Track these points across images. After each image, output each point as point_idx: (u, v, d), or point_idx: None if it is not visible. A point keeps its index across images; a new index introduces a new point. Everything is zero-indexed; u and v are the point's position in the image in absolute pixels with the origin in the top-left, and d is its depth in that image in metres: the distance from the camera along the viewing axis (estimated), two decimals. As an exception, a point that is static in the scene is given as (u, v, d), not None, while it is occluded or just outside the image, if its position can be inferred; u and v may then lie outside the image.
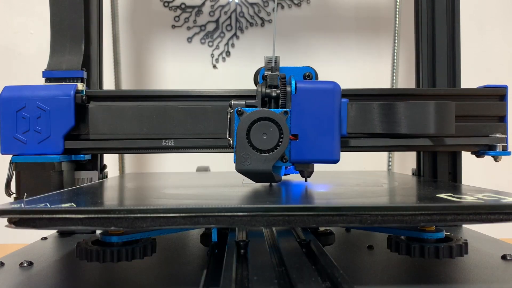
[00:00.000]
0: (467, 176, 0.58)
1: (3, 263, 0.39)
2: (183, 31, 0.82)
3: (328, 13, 0.83)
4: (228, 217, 0.28)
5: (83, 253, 0.33)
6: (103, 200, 0.37)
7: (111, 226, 0.28)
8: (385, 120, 0.40)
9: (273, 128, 0.35)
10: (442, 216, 0.29)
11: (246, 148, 0.35)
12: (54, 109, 0.46)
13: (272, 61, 0.40)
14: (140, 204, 0.36)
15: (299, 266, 0.30)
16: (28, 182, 0.46)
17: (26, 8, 0.81)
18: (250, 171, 0.36)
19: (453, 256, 0.34)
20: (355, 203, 0.32)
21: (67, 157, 0.48)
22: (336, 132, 0.37)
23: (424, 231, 0.35)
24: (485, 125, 0.50)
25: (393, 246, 0.36)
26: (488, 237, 0.49)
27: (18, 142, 0.46)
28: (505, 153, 0.49)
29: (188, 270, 0.37)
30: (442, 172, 0.57)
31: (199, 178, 0.58)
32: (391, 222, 0.29)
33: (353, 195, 0.39)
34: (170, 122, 0.48)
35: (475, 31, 0.83)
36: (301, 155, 0.37)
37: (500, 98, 0.50)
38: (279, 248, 0.36)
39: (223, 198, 0.39)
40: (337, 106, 0.37)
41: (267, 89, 0.38)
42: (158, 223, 0.28)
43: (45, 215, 0.28)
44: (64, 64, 0.51)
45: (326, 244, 0.41)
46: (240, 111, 0.36)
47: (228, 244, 0.36)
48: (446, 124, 0.41)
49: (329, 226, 0.40)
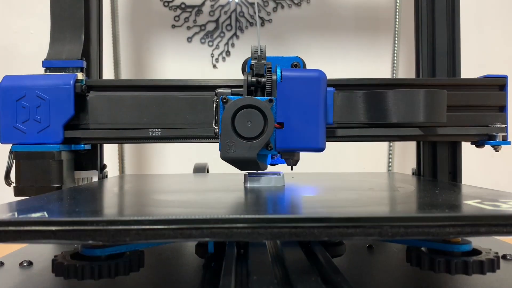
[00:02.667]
0: (467, 176, 0.58)
1: (3, 262, 0.39)
2: (183, 31, 0.81)
3: (328, 13, 0.82)
4: (226, 229, 0.24)
5: (59, 269, 0.29)
6: (87, 206, 0.33)
7: (88, 240, 0.24)
8: (372, 109, 0.39)
9: (257, 116, 0.35)
10: (474, 228, 0.25)
11: (231, 136, 0.35)
12: (54, 98, 0.46)
13: (258, 50, 0.39)
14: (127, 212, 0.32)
15: (300, 267, 0.28)
16: (27, 171, 0.46)
17: (26, 8, 0.80)
18: (235, 159, 0.35)
19: (484, 272, 0.30)
20: (373, 212, 0.28)
21: (66, 146, 0.48)
22: (322, 120, 0.37)
23: (449, 243, 0.31)
24: (485, 115, 0.50)
25: (413, 260, 0.32)
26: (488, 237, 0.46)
27: (17, 132, 0.46)
28: (505, 142, 0.49)
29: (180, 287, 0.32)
30: (443, 172, 0.56)
31: (196, 182, 0.54)
32: (415, 235, 0.25)
33: (367, 202, 0.35)
34: (170, 112, 0.48)
35: (475, 30, 0.82)
36: (287, 143, 0.36)
37: (500, 88, 0.50)
38: (279, 248, 0.34)
39: (220, 205, 0.35)
40: (322, 94, 0.37)
41: (253, 77, 0.37)
42: (143, 237, 0.24)
43: (11, 227, 0.24)
44: (64, 54, 0.51)
45: (335, 255, 0.37)
46: (225, 99, 0.36)
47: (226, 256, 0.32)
48: (436, 112, 0.39)
49: (343, 239, 0.36)
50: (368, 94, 0.40)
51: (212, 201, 0.37)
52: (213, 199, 0.38)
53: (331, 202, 0.35)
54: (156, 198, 0.38)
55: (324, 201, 0.36)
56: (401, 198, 0.37)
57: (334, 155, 0.82)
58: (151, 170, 0.82)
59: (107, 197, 0.41)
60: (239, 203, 0.35)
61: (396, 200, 0.36)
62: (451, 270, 0.30)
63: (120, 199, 0.40)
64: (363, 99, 0.40)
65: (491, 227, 0.25)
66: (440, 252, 0.31)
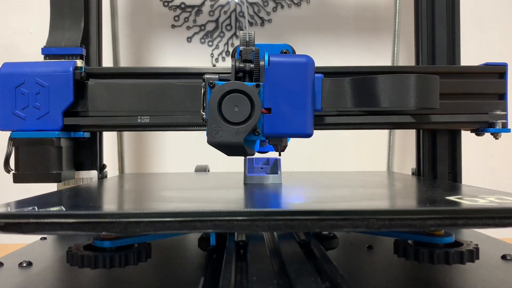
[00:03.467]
0: (467, 176, 0.58)
1: (2, 263, 0.39)
2: (182, 31, 0.82)
3: (328, 13, 0.82)
4: (227, 221, 0.27)
5: (74, 259, 0.31)
6: (96, 202, 0.35)
7: (102, 231, 0.27)
8: (361, 95, 0.39)
9: (244, 101, 0.35)
10: (453, 220, 0.27)
11: (218, 121, 0.35)
12: (53, 85, 0.46)
13: (247, 36, 0.39)
14: (135, 207, 0.34)
15: (299, 266, 0.29)
16: (27, 157, 0.46)
17: (25, 8, 0.80)
18: (222, 143, 0.35)
19: (464, 262, 0.32)
20: (361, 206, 0.30)
21: (66, 134, 0.48)
22: (309, 106, 0.36)
23: (433, 235, 0.34)
24: (485, 103, 0.50)
25: (400, 251, 0.34)
26: (488, 237, 0.48)
27: (17, 118, 0.46)
28: (504, 130, 0.49)
29: (184, 277, 0.35)
30: (442, 172, 0.56)
31: (197, 180, 0.56)
32: (399, 227, 0.27)
33: (358, 197, 0.37)
34: (169, 100, 0.48)
35: (475, 30, 0.82)
36: (274, 128, 0.36)
37: (500, 76, 0.50)
38: (278, 248, 0.35)
39: (222, 201, 0.37)
40: (310, 80, 0.36)
41: (241, 63, 0.37)
42: (152, 228, 0.27)
43: (32, 219, 0.26)
44: (63, 41, 0.51)
45: (329, 248, 0.40)
46: (212, 84, 0.36)
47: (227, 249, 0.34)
48: (428, 98, 0.38)
49: (334, 231, 0.38)
50: (357, 80, 0.39)
51: (214, 197, 0.39)
52: (214, 195, 0.40)
53: (324, 198, 0.38)
54: (160, 195, 0.40)
55: (318, 197, 0.38)
56: (389, 195, 0.40)
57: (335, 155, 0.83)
58: (151, 170, 0.83)
59: (112, 194, 0.43)
60: (239, 198, 0.38)
61: (383, 196, 0.38)
62: (433, 260, 0.32)
63: (125, 196, 0.42)
64: (351, 85, 0.39)
65: (468, 219, 0.27)
66: (425, 244, 0.34)
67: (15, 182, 0.47)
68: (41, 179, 0.46)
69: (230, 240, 0.37)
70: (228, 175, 0.58)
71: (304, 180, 0.52)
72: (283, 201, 0.36)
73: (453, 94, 0.49)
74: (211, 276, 0.31)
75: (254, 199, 0.37)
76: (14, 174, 0.46)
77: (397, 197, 0.38)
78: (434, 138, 0.57)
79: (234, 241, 0.37)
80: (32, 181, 0.46)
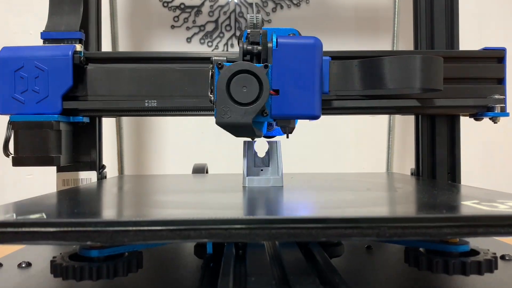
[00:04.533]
0: (467, 176, 0.58)
1: (1, 264, 0.39)
2: (182, 31, 0.81)
3: (327, 13, 0.82)
4: (224, 230, 0.24)
5: (58, 270, 0.29)
6: (86, 208, 0.33)
7: (87, 241, 0.24)
8: (368, 77, 0.39)
9: (253, 81, 0.34)
10: (472, 228, 0.25)
11: (226, 101, 0.35)
12: (52, 69, 0.46)
13: (254, 18, 0.39)
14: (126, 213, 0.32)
15: (298, 267, 0.28)
16: (26, 141, 0.46)
17: (25, 8, 0.79)
18: (230, 123, 0.35)
19: (482, 273, 0.30)
20: (370, 213, 0.28)
21: (65, 118, 0.48)
22: (317, 87, 0.36)
23: (447, 243, 0.31)
24: (483, 88, 0.50)
25: (411, 260, 0.32)
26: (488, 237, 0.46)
27: (16, 102, 0.46)
28: (503, 114, 0.49)
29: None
30: (442, 172, 0.56)
31: (195, 182, 0.54)
32: (413, 235, 0.25)
33: (365, 202, 0.35)
34: (168, 84, 0.48)
35: (474, 30, 0.82)
36: (282, 110, 0.36)
37: (499, 60, 0.51)
38: (278, 250, 0.34)
39: (219, 206, 0.35)
40: (318, 61, 0.36)
41: (249, 45, 0.37)
42: (142, 237, 0.24)
43: (10, 228, 0.24)
44: (62, 26, 0.51)
45: (334, 256, 0.37)
46: (220, 64, 0.35)
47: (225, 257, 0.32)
48: (433, 79, 0.38)
49: (341, 239, 0.36)
50: (364, 62, 0.39)
51: (211, 201, 0.37)
52: (211, 199, 0.38)
53: (328, 202, 0.35)
54: (155, 199, 0.38)
55: (322, 201, 0.36)
56: (398, 199, 0.37)
57: (335, 154, 0.83)
58: (150, 170, 0.82)
59: (106, 197, 0.41)
60: (238, 203, 0.35)
61: (393, 201, 0.36)
62: (449, 271, 0.30)
63: (119, 200, 0.40)
64: (359, 67, 0.39)
65: (489, 227, 0.25)
66: (438, 253, 0.31)
67: (14, 165, 0.46)
68: (40, 162, 0.46)
69: (228, 247, 0.35)
70: (227, 177, 0.56)
71: (306, 183, 0.50)
72: (285, 206, 0.34)
73: (453, 78, 0.50)
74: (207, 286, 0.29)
75: (253, 204, 0.34)
76: (14, 158, 0.46)
77: (406, 201, 0.36)
78: (433, 138, 0.57)
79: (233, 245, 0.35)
80: (31, 164, 0.46)
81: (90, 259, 0.30)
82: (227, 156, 0.79)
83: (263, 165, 0.44)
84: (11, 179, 0.77)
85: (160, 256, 0.41)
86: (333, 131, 0.82)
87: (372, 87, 0.39)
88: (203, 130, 0.81)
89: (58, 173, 0.53)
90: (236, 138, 0.40)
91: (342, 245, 0.38)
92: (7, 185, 0.46)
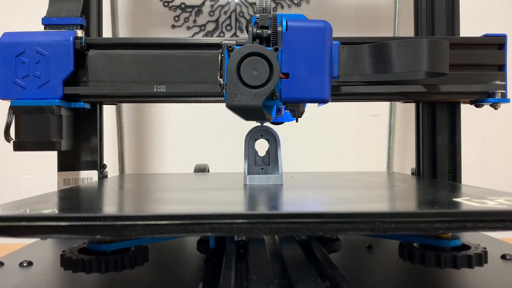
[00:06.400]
0: (467, 176, 0.58)
1: (3, 262, 0.39)
2: (183, 31, 0.82)
3: (328, 13, 0.82)
4: (226, 224, 0.26)
5: (68, 263, 0.30)
6: (93, 204, 0.34)
7: (96, 235, 0.26)
8: (376, 61, 0.40)
9: (263, 64, 0.35)
10: (461, 223, 0.26)
11: (236, 84, 0.35)
12: (53, 54, 0.47)
13: (263, 2, 0.40)
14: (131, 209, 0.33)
15: (299, 265, 0.29)
16: (27, 125, 0.46)
17: (24, 8, 0.80)
18: (240, 106, 0.35)
19: (472, 266, 0.31)
20: (366, 208, 0.29)
21: (66, 103, 0.48)
22: (327, 71, 0.37)
23: (440, 238, 0.33)
24: (484, 74, 0.51)
25: (405, 255, 0.33)
26: (488, 236, 0.47)
27: (17, 87, 0.46)
28: (504, 100, 0.50)
29: (183, 281, 0.34)
30: (442, 172, 0.56)
31: (196, 180, 0.55)
32: (406, 230, 0.26)
33: (362, 199, 0.36)
34: (169, 70, 0.49)
35: (474, 30, 0.82)
36: (292, 93, 0.36)
37: (499, 47, 0.51)
38: (279, 248, 0.35)
39: (221, 203, 0.36)
40: (328, 45, 0.37)
41: (258, 29, 0.37)
42: (148, 231, 0.26)
43: (24, 222, 0.25)
44: (63, 11, 0.51)
45: (332, 251, 0.39)
46: (231, 47, 0.35)
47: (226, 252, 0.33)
48: (439, 62, 0.39)
49: (338, 234, 0.37)
50: (373, 47, 0.40)
51: (213, 198, 0.38)
52: (214, 196, 0.39)
53: (327, 199, 0.36)
54: (158, 196, 0.39)
55: (320, 198, 0.37)
56: (394, 196, 0.38)
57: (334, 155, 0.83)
58: (151, 170, 0.83)
59: (111, 195, 0.42)
60: (239, 200, 0.37)
61: (389, 198, 0.37)
62: (441, 264, 0.31)
63: (124, 197, 0.41)
64: (368, 52, 0.40)
65: (477, 222, 0.26)
66: (431, 247, 0.33)
67: (15, 150, 0.46)
68: (41, 147, 0.46)
69: (230, 242, 0.36)
70: (228, 175, 0.57)
71: (305, 181, 0.51)
72: (284, 203, 0.35)
73: (453, 65, 0.50)
74: (210, 280, 0.30)
75: (254, 200, 0.36)
76: (14, 142, 0.46)
77: (401, 198, 0.37)
78: (434, 137, 0.57)
79: (234, 241, 0.36)
80: (32, 149, 0.46)
81: (98, 252, 0.31)
82: (227, 156, 0.80)
83: (263, 164, 0.45)
84: (12, 178, 0.77)
85: (165, 250, 0.43)
86: (333, 131, 0.83)
87: (380, 71, 0.39)
88: (203, 129, 0.82)
89: (59, 172, 0.53)
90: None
91: (339, 241, 0.39)
92: (7, 184, 0.46)
